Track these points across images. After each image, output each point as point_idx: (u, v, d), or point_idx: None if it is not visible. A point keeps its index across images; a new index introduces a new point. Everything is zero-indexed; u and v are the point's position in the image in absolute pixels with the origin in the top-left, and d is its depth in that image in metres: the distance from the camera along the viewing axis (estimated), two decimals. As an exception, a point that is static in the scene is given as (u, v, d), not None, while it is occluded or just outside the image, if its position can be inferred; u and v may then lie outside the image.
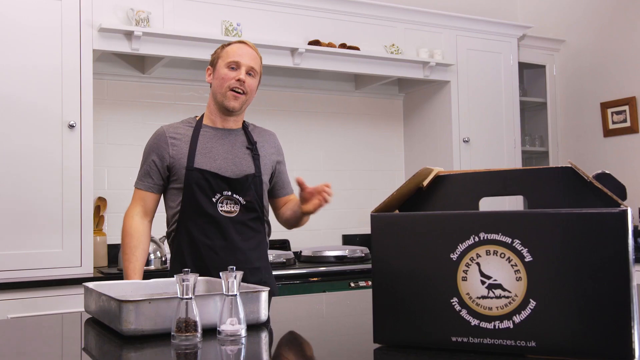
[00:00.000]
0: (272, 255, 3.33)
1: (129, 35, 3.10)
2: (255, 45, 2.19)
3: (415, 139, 4.32)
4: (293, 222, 2.23)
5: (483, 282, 1.04)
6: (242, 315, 1.20)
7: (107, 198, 3.43)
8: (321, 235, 4.05)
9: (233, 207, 2.07)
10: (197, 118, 2.18)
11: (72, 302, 2.75)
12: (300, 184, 2.02)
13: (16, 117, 2.85)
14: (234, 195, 2.07)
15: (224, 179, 2.05)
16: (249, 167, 2.11)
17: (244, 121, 2.21)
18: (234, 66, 2.08)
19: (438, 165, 3.23)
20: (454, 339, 1.06)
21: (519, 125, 4.24)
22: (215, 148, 2.10)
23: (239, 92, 2.08)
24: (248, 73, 2.10)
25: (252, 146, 2.15)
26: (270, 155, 2.21)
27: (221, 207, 2.06)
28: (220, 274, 1.20)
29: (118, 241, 3.32)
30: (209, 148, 2.09)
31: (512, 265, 1.02)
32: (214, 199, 2.05)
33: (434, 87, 4.14)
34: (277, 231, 2.43)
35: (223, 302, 1.20)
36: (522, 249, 1.01)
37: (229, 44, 2.15)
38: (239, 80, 2.07)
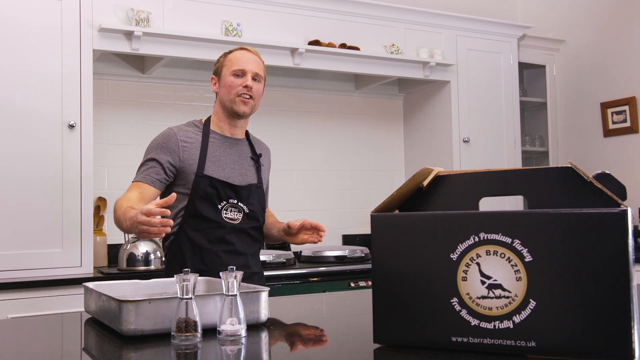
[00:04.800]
0: (272, 255, 3.33)
1: (129, 35, 3.10)
2: (256, 49, 2.21)
3: (415, 139, 4.32)
4: (273, 240, 2.29)
5: (483, 282, 1.04)
6: (242, 315, 1.20)
7: (107, 198, 3.43)
8: (321, 235, 4.04)
9: (237, 214, 2.10)
10: (203, 122, 2.19)
11: (72, 302, 2.75)
12: (291, 227, 2.05)
13: (16, 117, 2.85)
14: (239, 204, 2.11)
15: (231, 186, 2.09)
16: (252, 177, 2.17)
17: (246, 130, 2.24)
18: (240, 74, 2.10)
19: (438, 165, 3.24)
20: (454, 339, 1.06)
21: (519, 125, 4.24)
22: (223, 157, 2.13)
23: (247, 97, 2.10)
24: (253, 79, 2.12)
25: (256, 157, 2.20)
26: (267, 169, 2.29)
27: (225, 214, 2.08)
28: (220, 274, 1.21)
29: (118, 241, 3.35)
30: (217, 156, 2.12)
31: (512, 265, 1.02)
32: (219, 206, 2.07)
33: (434, 87, 4.14)
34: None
35: (223, 302, 1.20)
36: (522, 249, 1.01)
37: (231, 51, 2.17)
38: (246, 86, 2.09)
